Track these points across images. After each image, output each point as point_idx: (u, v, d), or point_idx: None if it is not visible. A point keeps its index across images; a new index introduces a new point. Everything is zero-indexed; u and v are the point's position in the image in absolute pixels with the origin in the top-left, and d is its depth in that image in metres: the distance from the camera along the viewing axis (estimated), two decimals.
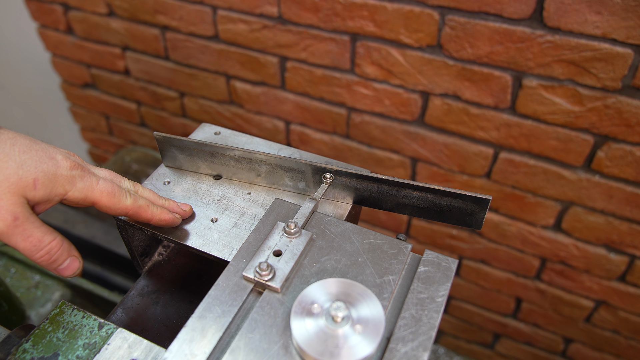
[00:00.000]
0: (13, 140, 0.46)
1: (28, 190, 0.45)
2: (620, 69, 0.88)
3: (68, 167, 0.48)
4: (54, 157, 0.48)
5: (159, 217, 0.54)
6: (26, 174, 0.45)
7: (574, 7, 0.85)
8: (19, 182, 0.45)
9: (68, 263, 0.49)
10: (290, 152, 0.66)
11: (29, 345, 0.48)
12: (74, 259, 0.49)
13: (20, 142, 0.46)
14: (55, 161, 0.47)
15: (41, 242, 0.46)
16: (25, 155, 0.46)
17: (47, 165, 0.47)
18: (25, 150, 0.46)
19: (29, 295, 1.00)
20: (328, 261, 0.50)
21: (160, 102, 1.51)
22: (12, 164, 0.45)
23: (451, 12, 0.94)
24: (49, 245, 0.47)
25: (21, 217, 0.45)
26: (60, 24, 1.47)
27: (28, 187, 0.45)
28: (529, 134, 1.03)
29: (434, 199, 0.56)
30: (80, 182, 0.49)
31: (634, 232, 1.07)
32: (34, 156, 0.46)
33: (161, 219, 0.54)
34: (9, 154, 0.45)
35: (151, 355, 0.47)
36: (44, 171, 0.46)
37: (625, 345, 1.31)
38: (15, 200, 0.44)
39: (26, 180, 0.45)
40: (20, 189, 0.45)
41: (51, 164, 0.47)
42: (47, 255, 0.47)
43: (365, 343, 0.41)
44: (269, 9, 1.11)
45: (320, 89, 1.20)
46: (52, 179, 0.47)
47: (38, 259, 0.47)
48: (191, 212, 0.59)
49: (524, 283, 1.31)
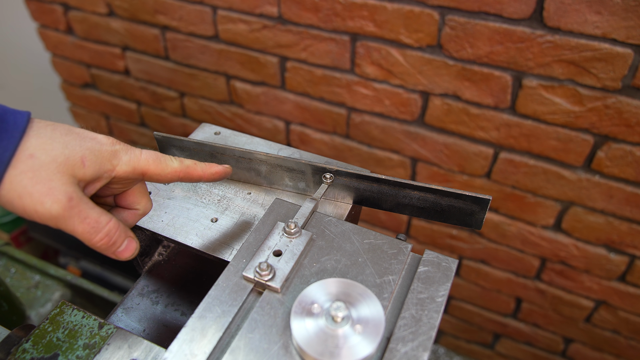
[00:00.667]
0: (52, 125, 0.45)
1: (77, 169, 0.44)
2: (620, 69, 0.88)
3: (110, 143, 0.47)
4: (95, 137, 0.47)
5: (210, 171, 0.53)
6: (73, 153, 0.44)
7: (574, 7, 0.85)
8: (67, 162, 0.43)
9: (126, 244, 0.47)
10: (290, 152, 0.66)
11: (29, 345, 0.48)
12: (131, 239, 0.47)
13: (59, 126, 0.45)
14: (97, 140, 0.47)
15: (99, 223, 0.44)
16: (68, 137, 0.45)
17: (91, 143, 0.46)
18: (67, 133, 0.45)
19: (29, 295, 1.00)
20: (328, 261, 0.50)
21: (160, 102, 1.51)
22: (57, 145, 0.43)
23: (451, 12, 0.94)
24: (107, 226, 0.44)
25: (75, 198, 0.42)
26: (60, 24, 1.47)
27: (77, 166, 0.44)
28: (529, 134, 1.03)
29: (434, 199, 0.56)
30: (124, 155, 0.48)
31: (634, 232, 1.07)
32: (77, 137, 0.45)
33: (212, 172, 0.53)
34: (52, 137, 0.44)
35: (151, 355, 0.47)
36: (89, 149, 0.45)
37: (625, 345, 1.31)
38: (67, 180, 0.42)
39: (74, 159, 0.43)
40: (69, 168, 0.43)
41: (94, 142, 0.46)
42: (106, 237, 0.44)
43: (365, 343, 0.41)
44: (269, 9, 1.11)
45: (320, 89, 1.20)
46: (98, 156, 0.45)
47: (97, 242, 0.44)
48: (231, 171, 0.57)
49: (524, 283, 1.31)
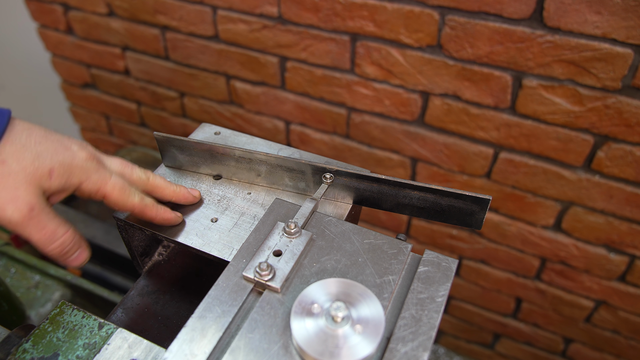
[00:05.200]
0: (29, 131, 0.46)
1: (44, 180, 0.45)
2: (620, 69, 0.88)
3: (84, 158, 0.48)
4: (70, 147, 0.48)
5: (162, 217, 0.55)
6: (42, 164, 0.45)
7: (574, 7, 0.85)
8: (35, 173, 0.44)
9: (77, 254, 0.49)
10: (290, 152, 0.66)
11: (29, 345, 0.48)
12: (83, 249, 0.50)
13: (35, 132, 0.46)
14: (72, 152, 0.47)
15: (55, 234, 0.46)
16: (42, 146, 0.46)
17: (64, 155, 0.47)
18: (41, 141, 0.46)
19: (29, 295, 1.00)
20: (328, 261, 0.50)
21: (160, 102, 1.51)
22: (29, 155, 0.44)
23: (451, 12, 0.94)
24: (62, 237, 0.47)
25: (37, 208, 0.44)
26: (60, 24, 1.47)
27: (44, 177, 0.45)
28: (529, 134, 1.03)
29: (434, 199, 0.56)
30: (94, 174, 0.49)
31: (634, 232, 1.07)
32: (50, 147, 0.46)
33: (164, 218, 0.55)
34: (25, 145, 0.45)
35: (151, 355, 0.47)
36: (60, 161, 0.46)
37: (625, 345, 1.31)
38: (32, 190, 0.44)
39: (42, 171, 0.45)
40: (37, 179, 0.44)
41: (67, 154, 0.47)
42: (60, 247, 0.47)
43: (365, 343, 0.41)
44: (269, 9, 1.11)
45: (320, 89, 1.20)
46: (68, 169, 0.47)
47: (51, 250, 0.47)
48: (200, 197, 0.60)
49: (524, 283, 1.31)
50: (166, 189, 0.57)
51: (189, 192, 0.59)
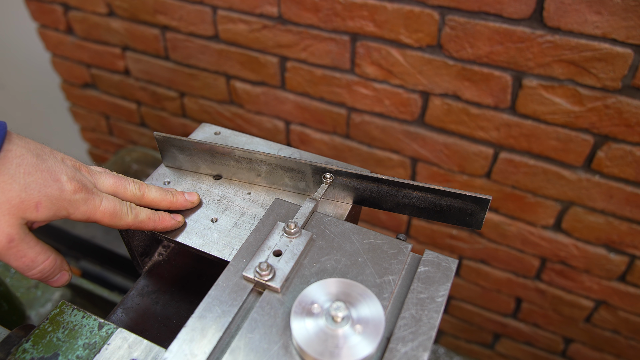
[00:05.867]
0: (20, 159, 0.46)
1: (29, 213, 0.46)
2: (620, 69, 0.88)
3: (72, 190, 0.48)
4: (59, 179, 0.48)
5: (162, 226, 0.56)
6: (29, 197, 0.45)
7: (574, 7, 0.85)
8: (20, 205, 0.45)
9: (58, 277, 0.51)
10: (290, 152, 0.66)
11: (29, 345, 0.48)
12: (64, 273, 0.51)
13: (26, 161, 0.46)
14: (60, 184, 0.48)
15: (34, 262, 0.47)
16: (30, 178, 0.46)
17: (51, 189, 0.47)
18: (31, 172, 0.46)
19: (29, 295, 1.00)
20: (328, 261, 0.50)
21: (160, 102, 1.51)
22: (16, 187, 0.45)
23: (451, 12, 0.94)
24: (42, 265, 0.48)
25: (16, 239, 0.45)
26: (60, 24, 1.47)
27: (29, 210, 0.46)
28: (529, 134, 1.03)
29: (434, 199, 0.56)
30: (83, 205, 0.49)
31: (634, 232, 1.07)
32: (39, 178, 0.46)
33: (164, 226, 0.56)
34: (13, 176, 0.45)
35: (151, 355, 0.47)
36: (47, 195, 0.46)
37: (625, 345, 1.31)
38: (13, 221, 0.45)
39: (28, 204, 0.45)
40: (21, 211, 0.45)
41: (55, 187, 0.47)
42: (39, 273, 0.49)
43: (365, 343, 0.41)
44: (269, 9, 1.11)
45: (320, 89, 1.20)
46: (55, 203, 0.47)
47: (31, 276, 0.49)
48: (199, 201, 0.61)
49: (524, 283, 1.31)
50: (162, 202, 0.57)
51: (186, 200, 0.59)
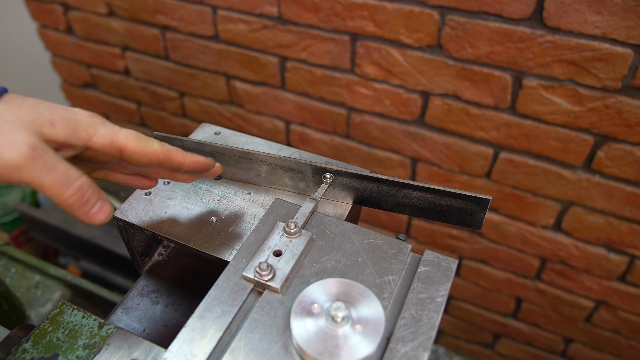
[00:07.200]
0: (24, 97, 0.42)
1: (46, 128, 0.40)
2: (620, 69, 0.88)
3: (87, 114, 0.44)
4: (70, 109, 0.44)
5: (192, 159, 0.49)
6: (42, 116, 0.40)
7: (574, 7, 0.85)
8: (34, 121, 0.40)
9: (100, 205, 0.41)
10: (290, 152, 0.66)
11: (29, 345, 0.48)
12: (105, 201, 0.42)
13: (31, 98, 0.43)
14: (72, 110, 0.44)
15: (69, 176, 0.39)
16: (40, 105, 0.42)
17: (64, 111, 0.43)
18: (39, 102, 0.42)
19: (29, 295, 1.00)
20: (328, 261, 0.50)
21: (160, 102, 1.51)
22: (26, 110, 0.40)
23: (451, 12, 0.94)
24: (78, 180, 0.39)
25: (40, 148, 0.38)
26: (60, 24, 1.47)
27: (45, 125, 0.40)
28: (529, 134, 1.03)
29: (434, 199, 0.56)
30: (102, 127, 0.44)
31: (634, 232, 1.07)
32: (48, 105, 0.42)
33: (194, 160, 0.49)
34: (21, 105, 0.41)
35: (151, 355, 0.47)
36: (60, 115, 0.42)
37: (625, 345, 1.31)
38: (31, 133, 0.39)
39: (42, 120, 0.40)
40: (37, 125, 0.40)
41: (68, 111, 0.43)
42: (78, 193, 0.39)
43: (365, 343, 0.41)
44: (269, 9, 1.11)
45: (320, 89, 1.20)
46: (71, 123, 0.42)
47: (69, 198, 0.39)
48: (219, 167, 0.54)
49: (524, 283, 1.31)
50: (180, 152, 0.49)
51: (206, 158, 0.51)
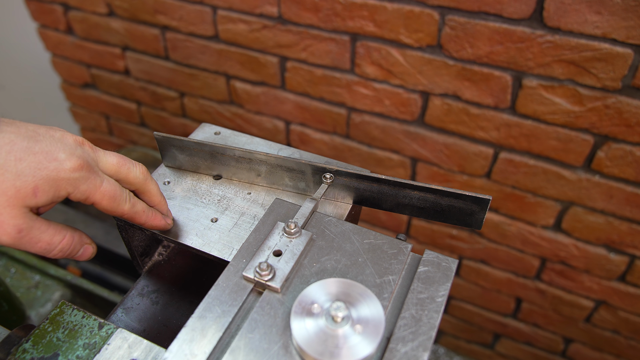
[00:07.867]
0: (9, 146, 0.44)
1: (28, 200, 0.44)
2: (620, 69, 0.88)
3: (71, 168, 0.46)
4: (56, 157, 0.46)
5: (152, 223, 0.55)
6: (24, 185, 0.44)
7: (574, 7, 0.85)
8: (17, 194, 0.43)
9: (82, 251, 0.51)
10: (290, 152, 0.66)
11: (29, 345, 0.48)
12: (87, 246, 0.51)
13: (17, 147, 0.44)
14: (58, 163, 0.46)
15: (51, 244, 0.47)
16: (22, 164, 0.44)
17: (48, 170, 0.45)
18: (22, 158, 0.44)
19: (29, 295, 1.00)
20: (328, 261, 0.50)
21: (160, 102, 1.51)
22: (9, 176, 0.43)
23: (451, 12, 0.94)
24: (60, 244, 0.48)
25: (25, 228, 0.44)
26: (60, 24, 1.47)
27: (28, 197, 0.44)
28: (529, 134, 1.03)
29: (434, 199, 0.56)
30: (83, 184, 0.47)
31: (634, 232, 1.07)
32: (32, 162, 0.44)
33: (154, 224, 0.56)
34: (3, 166, 0.43)
35: (151, 355, 0.47)
36: (43, 178, 0.45)
37: (625, 345, 1.31)
38: (16, 212, 0.44)
39: (25, 191, 0.44)
40: (20, 200, 0.44)
41: (52, 167, 0.45)
42: (61, 252, 0.48)
43: (365, 343, 0.41)
44: (269, 9, 1.11)
45: (320, 89, 1.20)
46: (53, 185, 0.45)
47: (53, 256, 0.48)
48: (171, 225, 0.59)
49: (524, 283, 1.31)
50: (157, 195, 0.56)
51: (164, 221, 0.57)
